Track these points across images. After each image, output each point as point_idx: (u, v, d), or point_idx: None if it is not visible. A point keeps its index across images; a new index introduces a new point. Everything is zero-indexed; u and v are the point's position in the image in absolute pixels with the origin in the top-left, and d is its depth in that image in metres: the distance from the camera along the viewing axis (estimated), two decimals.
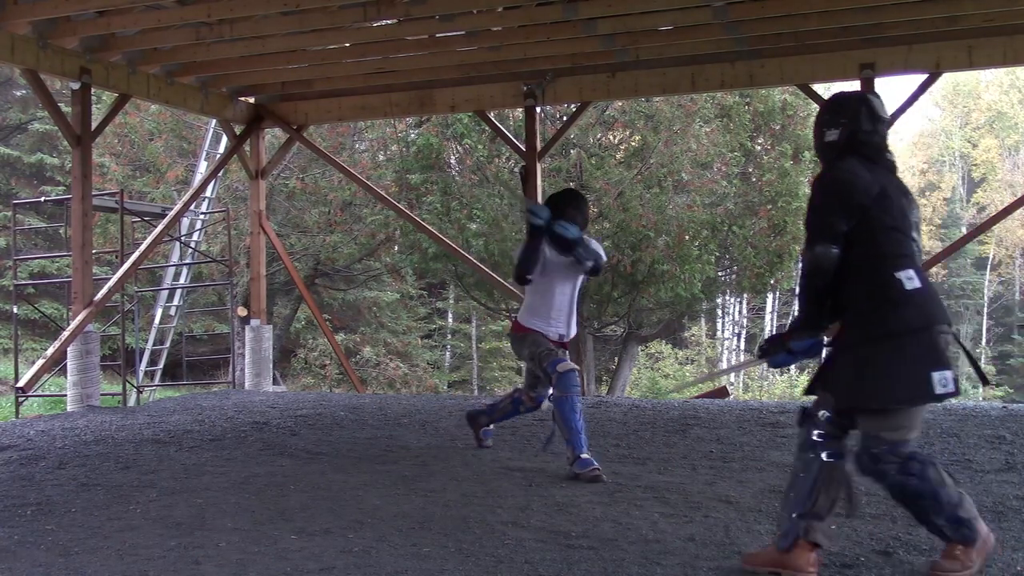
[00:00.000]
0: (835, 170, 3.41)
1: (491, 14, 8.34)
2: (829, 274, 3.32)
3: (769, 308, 32.47)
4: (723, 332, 32.40)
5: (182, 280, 14.99)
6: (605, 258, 5.40)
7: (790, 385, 27.25)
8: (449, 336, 29.09)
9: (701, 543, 3.74)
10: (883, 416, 3.23)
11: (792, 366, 5.32)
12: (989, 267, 38.55)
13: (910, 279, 3.26)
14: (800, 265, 3.94)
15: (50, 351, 8.93)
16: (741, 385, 29.02)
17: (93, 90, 9.91)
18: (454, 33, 8.85)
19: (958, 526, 3.20)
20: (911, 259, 3.31)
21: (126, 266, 10.27)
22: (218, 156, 13.30)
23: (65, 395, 9.69)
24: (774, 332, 3.43)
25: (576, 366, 5.25)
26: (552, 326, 5.38)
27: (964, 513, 3.21)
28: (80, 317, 8.78)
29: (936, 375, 3.17)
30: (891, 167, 3.46)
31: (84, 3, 7.77)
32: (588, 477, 4.90)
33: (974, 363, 3.75)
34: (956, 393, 3.21)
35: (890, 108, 3.75)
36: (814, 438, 3.33)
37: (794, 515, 3.29)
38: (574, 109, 12.89)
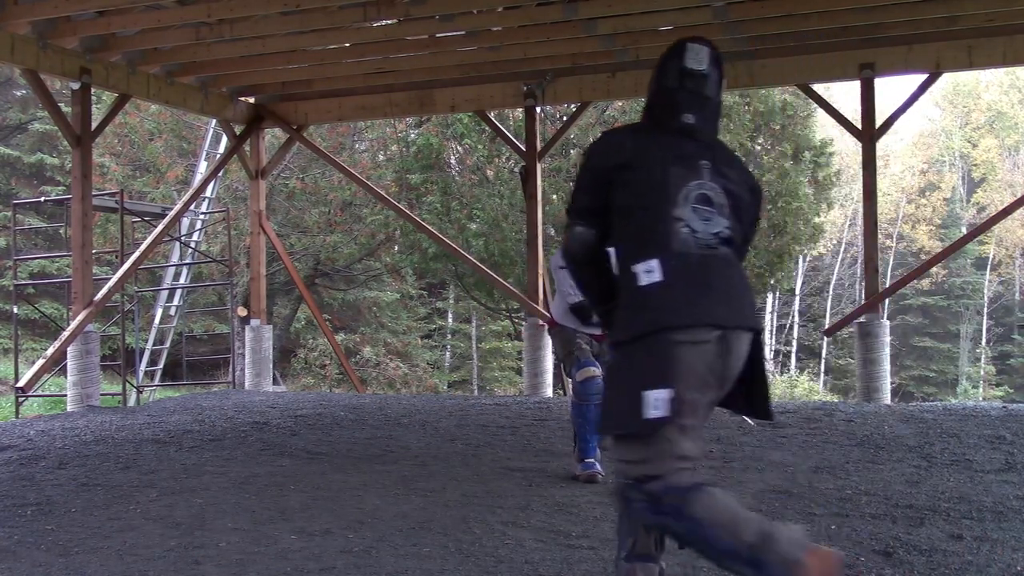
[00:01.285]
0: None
1: (491, 14, 8.34)
2: (580, 256, 2.76)
3: (769, 308, 32.46)
4: None
5: (182, 280, 14.99)
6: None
7: (790, 385, 27.25)
8: (449, 336, 29.08)
9: None
10: (618, 444, 2.61)
11: None
12: (989, 267, 38.52)
13: (648, 272, 2.59)
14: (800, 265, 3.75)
15: (50, 351, 8.93)
16: None
17: (93, 90, 9.92)
18: (454, 33, 8.86)
19: (758, 570, 2.36)
20: (658, 246, 2.61)
21: (126, 266, 10.27)
22: (218, 156, 13.29)
23: (65, 395, 9.69)
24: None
25: (596, 372, 4.83)
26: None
27: (767, 553, 2.35)
28: (80, 317, 8.78)
29: (650, 395, 2.47)
30: (687, 130, 2.76)
31: (84, 3, 7.77)
32: (584, 477, 4.89)
33: (760, 389, 2.75)
34: (669, 419, 2.46)
35: (890, 108, 3.78)
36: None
37: (621, 558, 2.75)
38: (574, 109, 12.90)
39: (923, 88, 9.27)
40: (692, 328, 2.52)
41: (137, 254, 10.39)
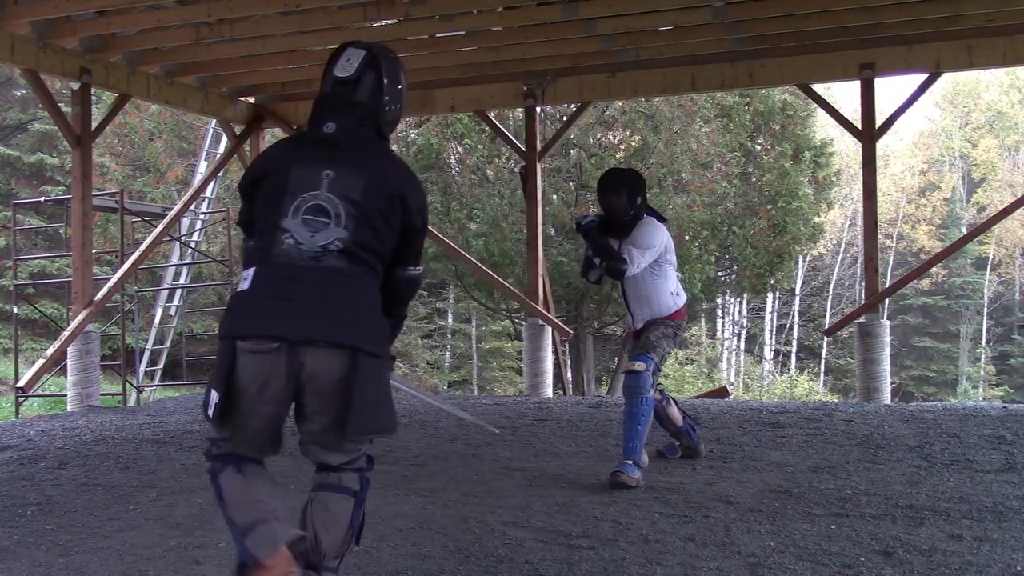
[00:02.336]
0: None
1: (491, 14, 8.35)
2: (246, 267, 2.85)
3: (769, 308, 32.47)
4: (723, 332, 32.40)
5: (182, 280, 14.99)
6: (628, 263, 4.84)
7: (790, 385, 27.26)
8: (449, 336, 29.09)
9: (701, 543, 3.74)
10: None
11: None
12: (989, 267, 38.53)
13: (245, 280, 2.72)
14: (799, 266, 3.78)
15: (50, 351, 8.93)
16: (741, 385, 29.03)
17: (93, 90, 9.92)
18: (454, 33, 8.86)
19: (239, 550, 2.72)
20: (263, 255, 2.71)
21: (126, 266, 10.27)
22: (218, 156, 13.29)
23: (65, 395, 9.69)
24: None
25: (636, 367, 4.81)
26: (628, 319, 5.22)
27: (244, 541, 2.68)
28: (80, 317, 8.78)
29: (213, 394, 2.69)
30: (324, 139, 2.79)
31: (84, 3, 7.77)
32: (611, 481, 4.73)
33: (354, 402, 2.70)
34: (209, 418, 2.71)
35: (890, 108, 3.77)
36: None
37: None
38: (574, 109, 12.90)
39: (923, 88, 9.27)
40: (253, 338, 2.63)
41: (137, 254, 10.39)
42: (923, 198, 40.14)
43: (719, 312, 31.05)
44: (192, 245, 14.95)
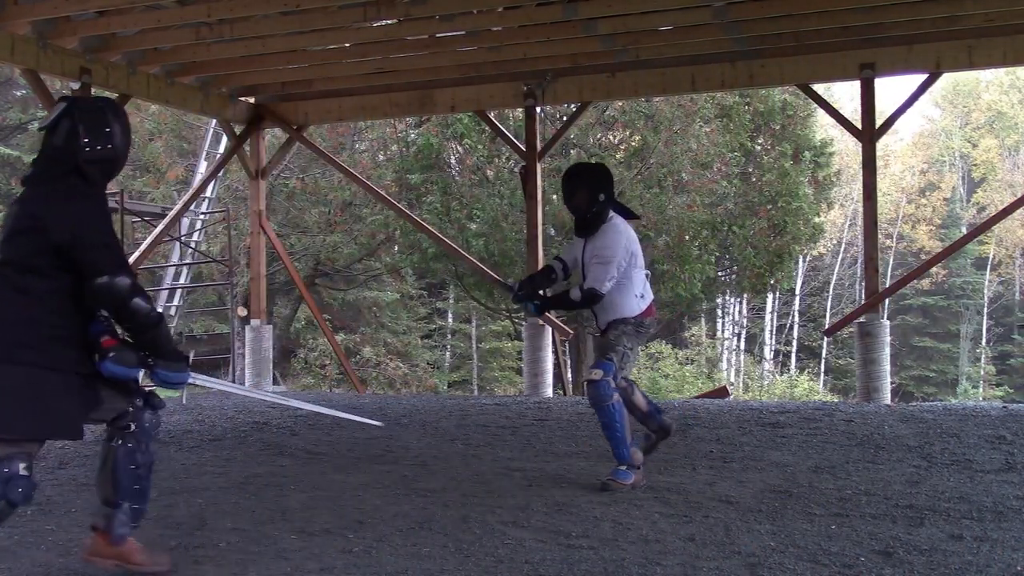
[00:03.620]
0: None
1: (491, 14, 8.34)
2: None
3: (769, 308, 32.46)
4: (723, 332, 32.39)
5: (182, 280, 15.00)
6: (597, 289, 4.83)
7: (790, 385, 27.25)
8: (449, 336, 29.09)
9: (701, 543, 3.74)
10: None
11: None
12: (989, 267, 38.53)
13: None
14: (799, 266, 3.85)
15: None
16: (741, 385, 29.02)
17: (93, 90, 9.91)
18: (454, 33, 8.85)
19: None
20: None
21: None
22: (218, 156, 13.30)
23: None
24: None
25: (594, 375, 4.83)
26: (593, 321, 5.26)
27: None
28: None
29: None
30: (26, 180, 3.35)
31: (84, 3, 7.76)
32: (601, 486, 4.74)
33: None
34: None
35: (890, 108, 3.75)
36: None
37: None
38: (574, 109, 12.90)
39: (923, 88, 9.26)
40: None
41: (137, 254, 10.39)
42: (923, 198, 40.13)
43: (719, 312, 31.04)
44: (192, 245, 14.95)
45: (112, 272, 3.22)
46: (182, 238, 14.54)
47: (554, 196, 16.34)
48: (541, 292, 5.17)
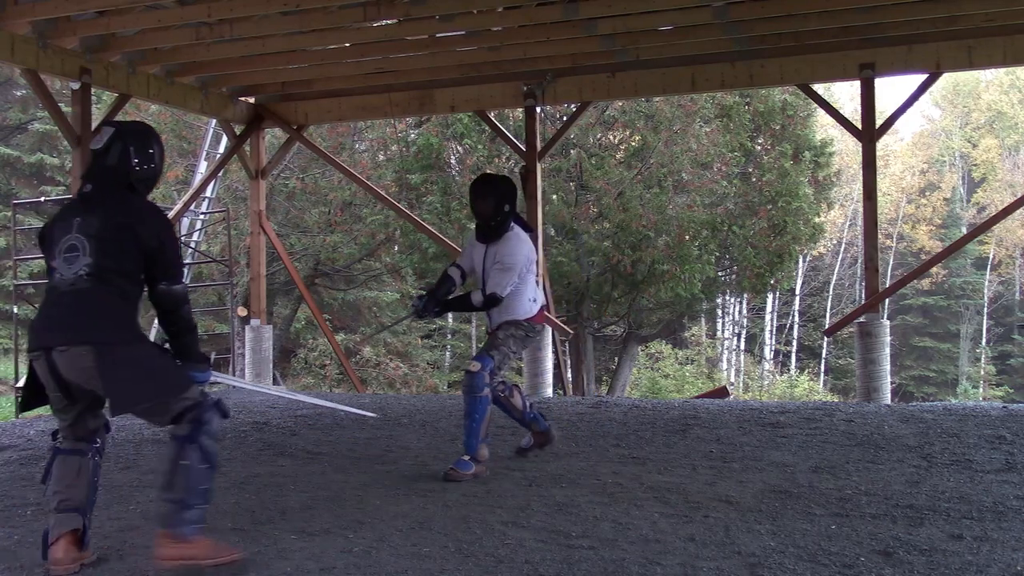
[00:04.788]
0: None
1: (491, 14, 8.34)
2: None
3: (769, 308, 32.46)
4: (723, 332, 32.40)
5: None
6: (498, 293, 5.22)
7: (790, 385, 27.25)
8: (449, 336, 29.08)
9: (701, 543, 3.74)
10: None
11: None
12: (989, 267, 38.54)
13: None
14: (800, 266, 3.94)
15: None
16: (741, 385, 29.02)
17: (93, 90, 9.91)
18: (454, 33, 8.86)
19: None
20: (47, 289, 3.62)
21: None
22: (218, 156, 13.30)
23: None
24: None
25: (472, 367, 5.25)
26: (487, 319, 5.59)
27: (50, 516, 3.56)
28: None
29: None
30: (82, 197, 3.65)
31: (84, 3, 7.77)
32: (444, 476, 5.02)
33: (107, 387, 3.58)
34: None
35: (890, 108, 3.77)
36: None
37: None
38: (574, 109, 12.90)
39: (923, 88, 9.27)
40: (32, 350, 3.57)
41: None
42: (923, 198, 40.14)
43: (719, 312, 31.04)
44: (192, 245, 14.95)
45: (179, 279, 3.66)
46: (182, 238, 14.54)
47: (554, 196, 16.36)
48: (443, 299, 5.56)
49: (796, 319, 35.24)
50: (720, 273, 18.68)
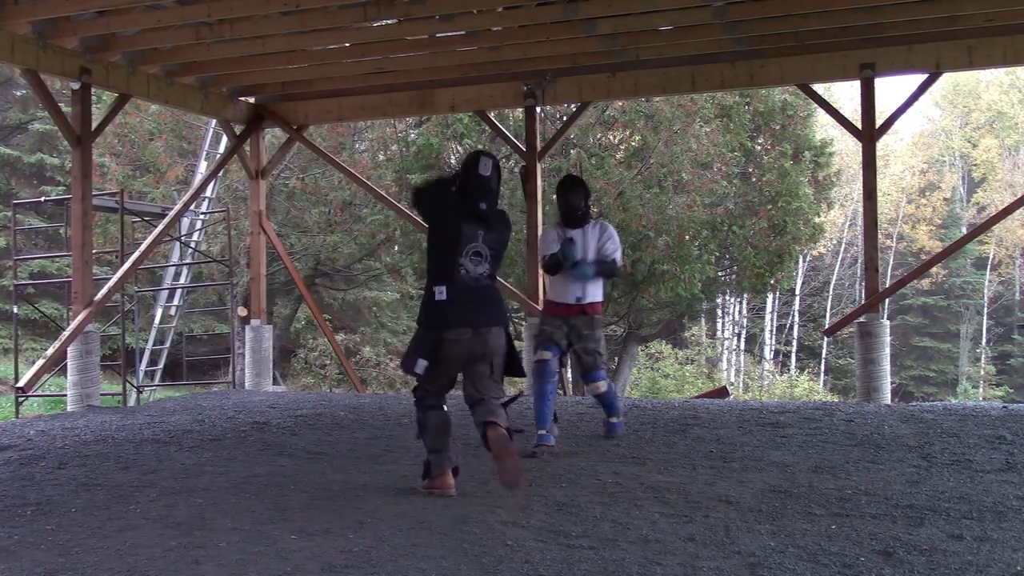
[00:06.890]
0: None
1: (491, 14, 8.35)
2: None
3: (769, 308, 32.45)
4: (723, 332, 32.39)
5: (182, 280, 14.99)
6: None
7: (790, 385, 27.25)
8: None
9: (701, 543, 3.74)
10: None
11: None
12: (989, 267, 38.53)
13: (440, 292, 4.67)
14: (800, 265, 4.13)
15: (50, 351, 8.92)
16: (741, 385, 29.02)
17: (93, 90, 9.91)
18: (454, 33, 8.86)
19: (431, 457, 4.81)
20: (449, 277, 4.67)
21: (126, 266, 10.27)
22: (218, 156, 13.30)
23: (65, 395, 9.69)
24: None
25: (547, 355, 6.33)
26: (572, 296, 6.40)
27: (432, 455, 4.79)
28: (80, 317, 8.78)
29: (421, 361, 4.70)
30: (479, 213, 4.70)
31: (84, 3, 7.78)
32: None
33: (513, 359, 5.17)
34: (417, 375, 4.72)
35: (890, 108, 3.78)
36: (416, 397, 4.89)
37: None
38: (574, 109, 12.89)
39: (923, 88, 9.27)
40: (455, 328, 4.63)
41: (137, 254, 10.39)
42: (923, 198, 40.13)
43: (719, 312, 31.04)
44: (192, 245, 14.94)
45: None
46: (182, 238, 14.53)
47: (554, 196, 16.33)
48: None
49: (796, 319, 35.23)
50: (720, 273, 18.67)
